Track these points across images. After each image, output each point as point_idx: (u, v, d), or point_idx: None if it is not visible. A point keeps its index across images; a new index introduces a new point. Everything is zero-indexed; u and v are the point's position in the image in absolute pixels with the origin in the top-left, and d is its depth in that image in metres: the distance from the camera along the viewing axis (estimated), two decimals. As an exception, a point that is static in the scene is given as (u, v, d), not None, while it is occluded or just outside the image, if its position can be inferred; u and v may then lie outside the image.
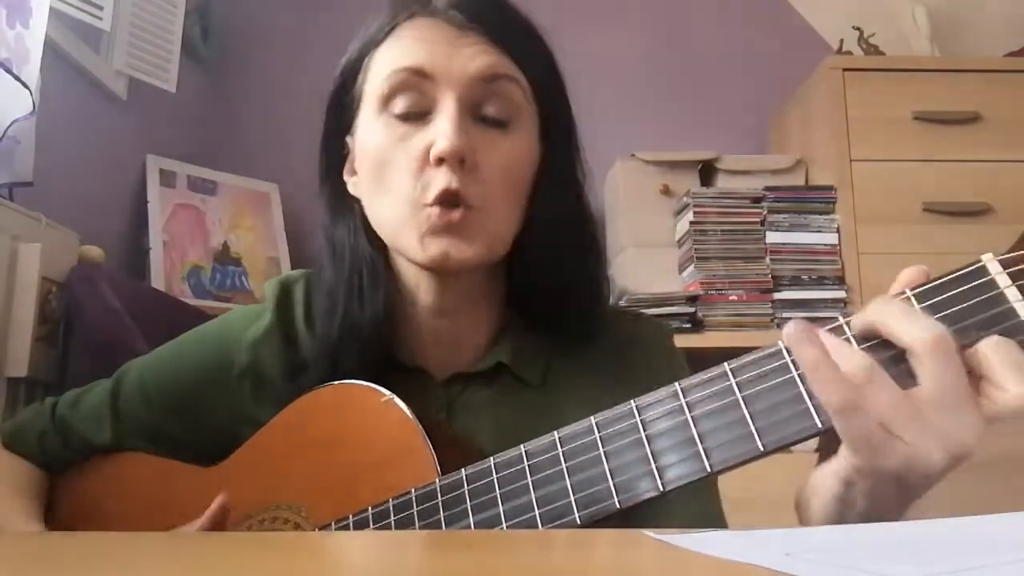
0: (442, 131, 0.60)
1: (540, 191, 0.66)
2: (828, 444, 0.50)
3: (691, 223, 1.82)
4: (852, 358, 0.44)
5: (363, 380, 0.64)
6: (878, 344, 0.45)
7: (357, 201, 0.68)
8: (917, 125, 1.84)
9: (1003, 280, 0.44)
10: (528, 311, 0.70)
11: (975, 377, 0.43)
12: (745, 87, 2.25)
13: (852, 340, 0.46)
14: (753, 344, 0.48)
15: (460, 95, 0.61)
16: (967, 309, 0.44)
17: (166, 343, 0.77)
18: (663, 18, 2.30)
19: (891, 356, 0.44)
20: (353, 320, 0.66)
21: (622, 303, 1.77)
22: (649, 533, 0.37)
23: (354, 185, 0.68)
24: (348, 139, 0.69)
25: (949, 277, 0.45)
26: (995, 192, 1.80)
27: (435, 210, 0.60)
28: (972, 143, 1.83)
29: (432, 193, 0.60)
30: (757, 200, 1.85)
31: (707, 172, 1.99)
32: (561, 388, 0.68)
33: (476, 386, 0.68)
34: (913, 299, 0.45)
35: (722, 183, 1.95)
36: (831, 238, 1.82)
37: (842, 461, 0.45)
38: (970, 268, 0.45)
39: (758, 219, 1.83)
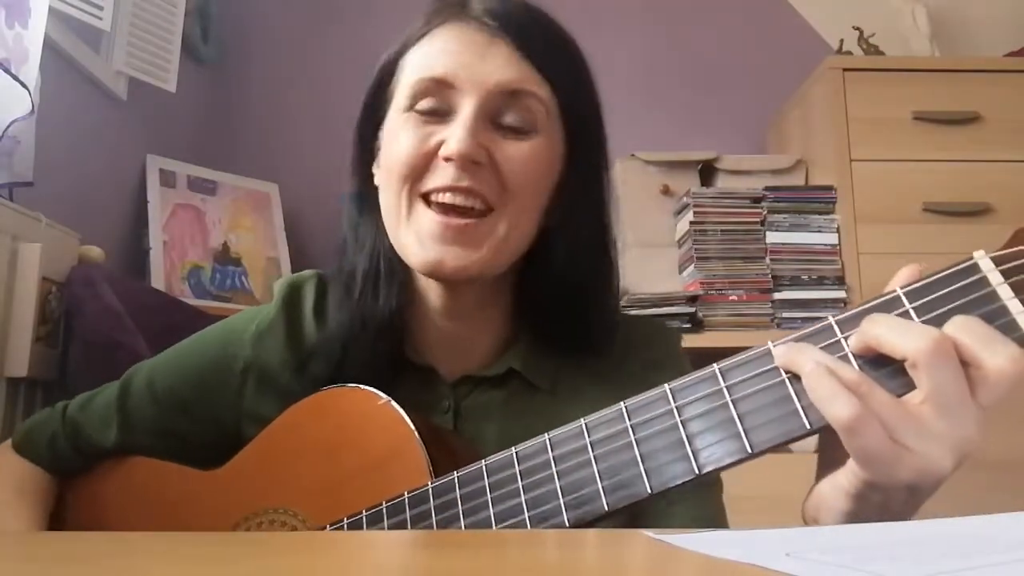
0: (454, 133, 0.61)
1: (557, 207, 0.66)
2: (828, 448, 0.49)
3: (691, 223, 1.82)
4: (846, 373, 0.43)
5: (371, 374, 0.64)
6: (874, 360, 0.44)
7: None
8: (917, 125, 1.84)
9: (995, 277, 0.43)
10: (537, 322, 0.70)
11: None
12: (745, 87, 2.25)
13: (852, 358, 0.44)
14: (753, 344, 0.48)
15: (480, 102, 0.62)
16: (958, 308, 0.43)
17: (174, 344, 0.78)
18: (663, 18, 2.30)
19: (888, 371, 0.43)
20: (367, 311, 0.67)
21: (622, 303, 1.77)
22: (648, 533, 0.37)
23: (377, 176, 0.69)
24: (380, 133, 0.69)
25: (940, 275, 0.44)
26: (995, 192, 1.80)
27: (435, 214, 0.61)
28: (972, 143, 1.83)
29: (432, 184, 0.61)
30: (757, 200, 1.85)
31: (707, 172, 2.00)
32: (570, 394, 0.68)
33: (485, 389, 0.69)
34: (904, 297, 0.44)
35: (722, 183, 1.96)
36: (831, 238, 1.82)
37: (851, 477, 0.44)
38: (961, 266, 0.44)
39: (758, 219, 1.83)
